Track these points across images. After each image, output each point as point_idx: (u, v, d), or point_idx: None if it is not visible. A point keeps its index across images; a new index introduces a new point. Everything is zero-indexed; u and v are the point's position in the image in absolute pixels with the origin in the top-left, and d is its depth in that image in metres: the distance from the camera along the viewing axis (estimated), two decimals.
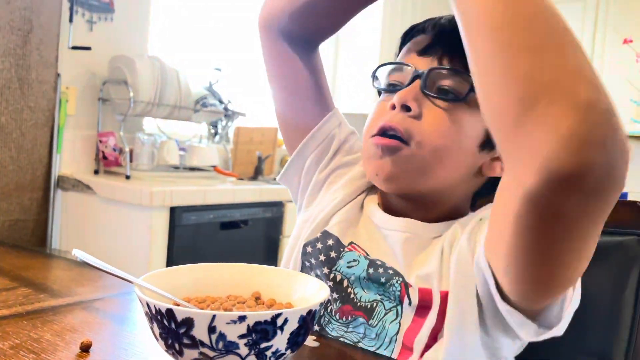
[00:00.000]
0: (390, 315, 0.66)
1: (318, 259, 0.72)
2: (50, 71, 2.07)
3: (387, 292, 0.67)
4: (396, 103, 0.66)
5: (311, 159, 0.81)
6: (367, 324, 0.67)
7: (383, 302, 0.67)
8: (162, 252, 1.94)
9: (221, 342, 0.45)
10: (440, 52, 0.67)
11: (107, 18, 2.27)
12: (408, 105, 0.65)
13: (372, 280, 0.67)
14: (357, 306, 0.68)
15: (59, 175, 2.15)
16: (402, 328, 0.65)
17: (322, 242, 0.73)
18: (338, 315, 0.69)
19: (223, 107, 2.57)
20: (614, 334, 0.74)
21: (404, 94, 0.65)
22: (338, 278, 0.70)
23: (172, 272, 0.58)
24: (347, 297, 0.69)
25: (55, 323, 0.61)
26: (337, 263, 0.71)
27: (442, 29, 0.68)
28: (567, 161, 0.39)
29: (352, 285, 0.69)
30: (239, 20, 3.03)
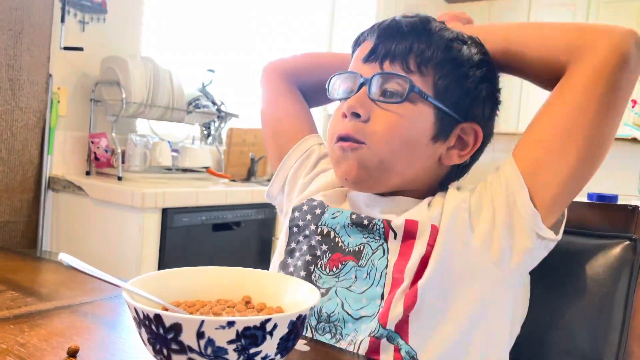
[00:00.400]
0: (377, 253, 0.71)
1: (305, 219, 0.78)
2: (41, 72, 2.06)
3: (371, 233, 0.72)
4: (346, 112, 0.72)
5: (295, 167, 0.89)
6: (357, 266, 0.72)
7: (369, 243, 0.72)
8: (154, 254, 1.93)
9: (210, 347, 0.44)
10: (380, 57, 0.73)
11: (99, 19, 2.26)
12: (357, 112, 0.71)
13: (355, 224, 0.73)
14: (345, 252, 0.73)
15: (50, 176, 2.13)
16: (390, 263, 0.70)
17: (308, 205, 0.80)
18: (328, 268, 0.74)
19: (216, 108, 2.56)
20: (604, 337, 0.74)
21: (352, 102, 0.72)
22: (325, 231, 0.76)
23: (161, 275, 0.57)
24: (336, 246, 0.74)
25: (43, 327, 0.60)
26: (322, 217, 0.77)
27: (381, 33, 0.74)
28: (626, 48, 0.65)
29: (338, 234, 0.75)
30: (232, 22, 3.03)
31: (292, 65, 0.96)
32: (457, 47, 0.72)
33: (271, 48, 3.26)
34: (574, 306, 0.77)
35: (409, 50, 0.72)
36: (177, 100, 2.33)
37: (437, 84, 0.72)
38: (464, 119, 0.73)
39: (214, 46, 2.93)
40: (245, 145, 2.82)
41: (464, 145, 0.75)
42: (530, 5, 4.16)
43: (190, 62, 2.78)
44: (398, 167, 0.72)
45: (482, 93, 0.74)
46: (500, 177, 0.71)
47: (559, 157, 0.68)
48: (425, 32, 0.72)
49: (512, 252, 0.68)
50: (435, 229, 0.69)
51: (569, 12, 3.97)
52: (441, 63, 0.72)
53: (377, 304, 0.68)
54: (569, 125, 0.67)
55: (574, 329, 0.76)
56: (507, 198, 0.69)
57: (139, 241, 1.89)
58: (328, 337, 0.69)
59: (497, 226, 0.69)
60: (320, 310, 0.70)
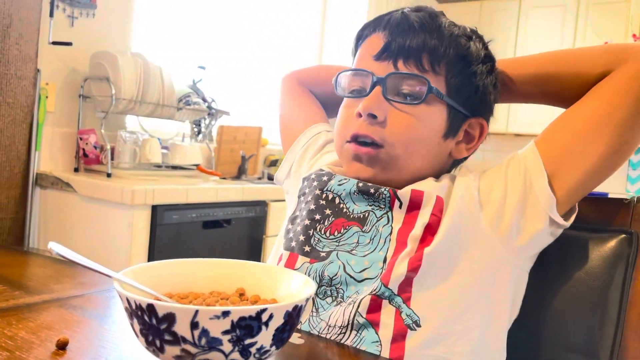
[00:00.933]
0: (382, 220, 0.72)
1: (312, 185, 0.79)
2: (29, 66, 2.03)
3: (377, 201, 0.73)
4: (362, 112, 0.72)
5: (303, 149, 0.91)
6: (360, 231, 0.72)
7: (374, 211, 0.72)
8: (143, 252, 1.91)
9: (204, 338, 0.43)
10: (394, 55, 0.73)
11: (88, 14, 2.23)
12: (373, 113, 0.72)
13: (361, 192, 0.73)
14: (350, 218, 0.74)
15: (38, 172, 2.10)
16: (394, 230, 0.70)
17: (316, 174, 0.80)
18: (329, 232, 0.74)
19: (207, 105, 2.55)
20: (599, 330, 0.74)
21: (368, 103, 0.72)
22: (330, 197, 0.76)
23: (153, 267, 0.56)
24: (340, 212, 0.74)
25: (31, 320, 0.59)
26: (328, 184, 0.77)
27: (393, 29, 0.73)
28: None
29: (343, 200, 0.75)
30: (224, 18, 3.01)
31: (306, 75, 1.00)
32: (466, 43, 0.74)
33: (263, 45, 3.25)
34: (569, 300, 0.77)
35: (422, 48, 0.72)
36: (168, 97, 2.31)
37: (449, 82, 0.73)
38: (472, 114, 0.76)
39: (205, 43, 2.91)
40: (236, 143, 2.81)
41: (471, 138, 0.78)
42: (521, 6, 4.18)
43: (181, 59, 2.76)
44: (412, 165, 0.74)
45: (488, 89, 0.76)
46: (520, 162, 0.73)
47: (586, 146, 0.70)
48: (435, 28, 0.73)
49: (521, 232, 0.70)
50: (440, 199, 0.70)
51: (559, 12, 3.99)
52: (453, 61, 0.73)
53: (379, 266, 0.68)
54: (603, 118, 0.70)
55: (570, 322, 0.76)
56: (525, 181, 0.71)
57: (128, 238, 1.87)
58: (329, 301, 0.69)
59: (508, 206, 0.70)
60: (322, 273, 0.70)
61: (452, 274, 0.67)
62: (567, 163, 0.70)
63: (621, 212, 0.77)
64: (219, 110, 2.64)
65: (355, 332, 0.65)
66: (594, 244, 0.77)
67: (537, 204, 0.70)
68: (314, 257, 0.72)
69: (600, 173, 0.71)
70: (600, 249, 0.76)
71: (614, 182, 3.90)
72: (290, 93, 0.99)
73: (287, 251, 0.75)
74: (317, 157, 0.89)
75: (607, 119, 0.69)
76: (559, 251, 0.78)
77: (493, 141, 4.19)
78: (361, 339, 0.65)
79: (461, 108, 0.74)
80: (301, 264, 0.72)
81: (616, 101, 0.69)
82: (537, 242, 0.72)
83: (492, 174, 0.74)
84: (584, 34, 3.87)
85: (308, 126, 0.93)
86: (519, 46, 4.15)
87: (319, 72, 1.00)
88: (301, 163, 0.90)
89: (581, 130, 0.71)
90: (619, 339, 0.73)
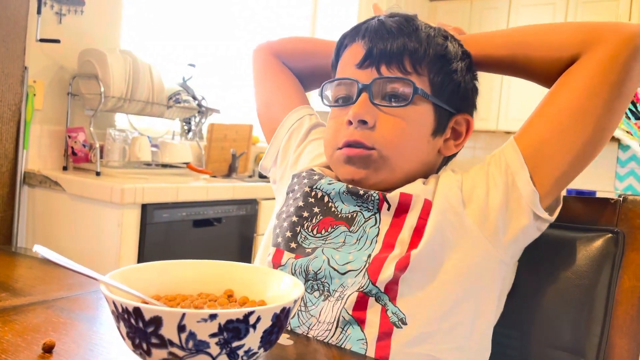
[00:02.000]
0: (370, 222, 0.72)
1: (302, 183, 0.79)
2: (17, 64, 2.01)
3: (365, 203, 0.73)
4: (352, 120, 0.73)
5: (286, 138, 0.90)
6: (347, 231, 0.73)
7: (362, 212, 0.73)
8: (133, 251, 1.90)
9: (191, 341, 0.43)
10: (376, 61, 0.74)
11: (77, 11, 2.21)
12: (363, 119, 0.72)
13: (351, 193, 0.74)
14: (337, 217, 0.74)
15: (26, 171, 2.08)
16: (381, 231, 0.71)
17: (307, 172, 0.81)
18: (316, 230, 0.74)
19: (197, 103, 2.53)
20: (586, 329, 0.75)
21: (357, 110, 0.73)
22: (319, 195, 0.76)
23: (141, 269, 0.56)
24: (329, 210, 0.75)
25: (17, 323, 0.58)
26: (318, 182, 0.77)
27: (371, 36, 0.75)
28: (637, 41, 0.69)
29: (332, 200, 0.75)
30: (214, 16, 3.00)
31: (281, 47, 0.96)
32: (443, 43, 0.75)
33: (253, 42, 3.24)
34: (556, 298, 0.78)
35: (402, 51, 0.73)
36: (157, 95, 2.29)
37: (432, 81, 0.75)
38: (457, 111, 0.77)
39: (195, 40, 2.90)
40: (226, 141, 2.80)
41: (458, 135, 0.79)
42: (511, 3, 4.20)
43: (171, 57, 2.74)
44: (403, 166, 0.74)
45: (469, 84, 0.78)
46: (500, 158, 0.74)
47: (565, 136, 0.70)
48: (413, 31, 0.74)
49: (507, 229, 0.71)
50: (428, 202, 0.71)
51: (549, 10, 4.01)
52: (433, 60, 0.74)
53: (363, 260, 0.69)
54: (581, 106, 0.70)
55: (557, 321, 0.77)
56: (506, 178, 0.71)
57: (117, 237, 1.86)
58: (317, 295, 0.69)
59: (492, 204, 0.71)
60: (307, 268, 0.71)
61: (439, 273, 0.68)
62: (548, 155, 0.71)
63: (608, 211, 0.78)
64: (209, 108, 2.63)
65: (340, 329, 0.65)
66: (581, 243, 0.77)
67: (521, 199, 0.70)
68: (299, 254, 0.73)
69: (581, 162, 0.72)
70: (587, 248, 0.77)
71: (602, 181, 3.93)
72: (266, 69, 0.95)
73: (273, 247, 0.75)
74: (303, 144, 0.89)
75: (583, 108, 0.70)
76: (546, 250, 0.78)
77: (483, 139, 4.21)
78: (347, 337, 0.65)
79: (446, 105, 0.76)
80: (286, 260, 0.73)
81: (592, 90, 0.69)
82: (523, 237, 0.72)
83: (474, 172, 0.75)
84: None
85: (288, 112, 0.91)
86: None
87: (296, 42, 0.98)
88: (287, 151, 0.90)
89: (559, 122, 0.71)
90: (605, 337, 0.73)
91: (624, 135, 2.31)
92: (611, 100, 0.69)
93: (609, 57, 0.69)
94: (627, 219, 0.76)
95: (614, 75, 0.69)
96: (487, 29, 3.77)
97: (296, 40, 0.99)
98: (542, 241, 0.74)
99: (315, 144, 0.88)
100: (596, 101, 0.69)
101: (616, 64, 0.68)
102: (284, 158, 0.90)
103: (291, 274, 0.71)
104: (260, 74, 0.97)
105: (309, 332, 0.67)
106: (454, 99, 0.76)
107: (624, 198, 0.77)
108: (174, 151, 2.45)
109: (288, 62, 0.95)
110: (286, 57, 0.95)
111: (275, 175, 0.92)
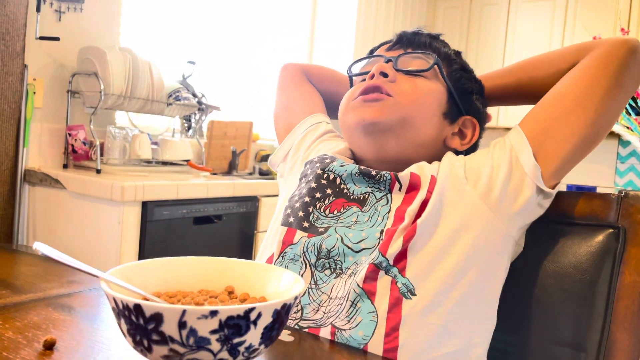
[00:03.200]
0: (381, 201, 0.74)
1: (314, 167, 0.81)
2: (16, 62, 2.01)
3: (377, 184, 0.75)
4: (374, 72, 0.78)
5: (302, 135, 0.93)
6: (360, 211, 0.74)
7: (374, 192, 0.75)
8: (133, 248, 1.90)
9: (192, 337, 0.43)
10: (405, 46, 0.84)
11: (76, 8, 2.21)
12: (385, 72, 0.78)
13: (363, 174, 0.76)
14: (350, 198, 0.76)
15: (26, 169, 2.08)
16: (392, 208, 0.73)
17: (319, 157, 0.84)
18: (328, 211, 0.76)
19: (197, 100, 2.53)
20: (587, 324, 0.75)
21: (380, 66, 0.79)
22: (331, 177, 0.78)
23: (141, 266, 0.56)
24: (341, 192, 0.77)
25: (18, 320, 0.58)
26: (330, 165, 0.79)
27: (404, 35, 0.85)
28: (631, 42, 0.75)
29: (344, 181, 0.77)
30: (213, 12, 2.99)
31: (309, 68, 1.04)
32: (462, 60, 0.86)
33: (253, 39, 3.24)
34: (557, 294, 0.78)
35: (429, 45, 0.84)
36: (157, 92, 2.29)
37: (450, 73, 0.83)
38: (466, 111, 0.82)
39: (195, 38, 2.89)
40: (226, 138, 2.80)
41: (464, 136, 0.84)
42: (510, 0, 4.19)
43: (171, 54, 2.74)
44: (414, 127, 0.78)
45: (479, 100, 0.85)
46: (505, 141, 0.77)
47: (569, 117, 0.74)
48: (440, 41, 0.86)
49: (512, 202, 0.73)
50: (433, 178, 0.74)
51: (549, 7, 4.00)
52: (453, 62, 0.84)
53: (376, 237, 0.70)
54: (582, 92, 0.74)
55: (558, 316, 0.77)
56: (510, 156, 0.74)
57: (118, 235, 1.86)
58: (328, 273, 0.70)
59: (496, 179, 0.73)
60: (320, 246, 0.71)
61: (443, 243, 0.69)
62: (551, 136, 0.74)
63: (609, 206, 0.78)
64: (209, 106, 2.63)
65: (350, 302, 0.66)
66: (582, 238, 0.77)
67: (524, 175, 0.73)
68: (312, 232, 0.74)
69: (584, 145, 0.74)
70: (588, 243, 0.77)
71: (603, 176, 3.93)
72: (293, 80, 1.01)
73: (284, 226, 0.76)
74: (315, 144, 0.91)
75: (586, 93, 0.73)
76: (546, 246, 0.78)
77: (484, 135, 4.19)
78: (357, 310, 0.65)
79: (458, 99, 0.81)
80: (299, 238, 0.73)
81: (592, 79, 0.74)
82: (526, 211, 0.74)
83: (478, 155, 0.78)
84: (573, 29, 3.89)
85: (308, 115, 0.95)
86: (509, 41, 4.16)
87: (324, 69, 1.05)
88: (299, 148, 0.92)
89: (562, 105, 0.75)
90: (606, 333, 0.73)
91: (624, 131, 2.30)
92: (610, 88, 0.73)
93: (607, 53, 0.74)
94: (628, 214, 0.76)
95: (612, 67, 0.73)
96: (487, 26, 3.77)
97: (326, 68, 1.06)
98: (543, 236, 0.74)
99: (328, 143, 0.90)
100: (596, 88, 0.73)
101: (614, 58, 0.74)
102: (295, 153, 0.92)
103: (302, 252, 0.72)
104: (285, 84, 1.02)
105: (319, 309, 0.67)
106: (466, 99, 0.83)
107: (625, 193, 0.77)
108: (174, 148, 2.45)
109: (313, 81, 1.02)
110: (312, 76, 1.02)
111: (283, 169, 0.94)
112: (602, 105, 0.73)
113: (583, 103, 0.73)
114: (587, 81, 0.74)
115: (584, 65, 0.76)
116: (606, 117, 0.74)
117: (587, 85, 0.74)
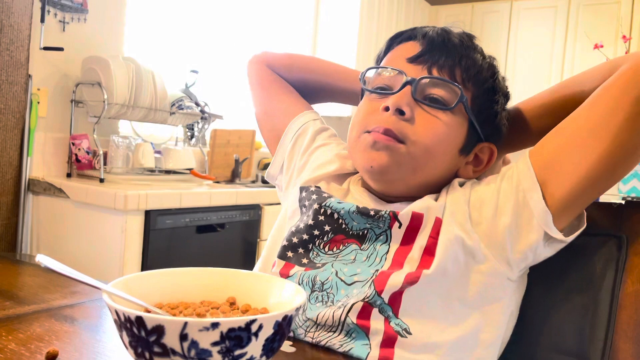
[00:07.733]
0: (381, 238, 0.72)
1: (310, 199, 0.78)
2: (20, 72, 2.02)
3: (376, 222, 0.72)
4: (391, 106, 0.71)
5: (291, 145, 0.89)
6: (359, 249, 0.72)
7: (373, 229, 0.72)
8: (137, 257, 1.91)
9: (193, 350, 0.43)
10: (429, 62, 0.74)
11: (80, 19, 2.23)
12: (402, 109, 0.71)
13: (361, 213, 0.73)
14: (349, 234, 0.74)
15: (30, 178, 2.09)
16: (391, 249, 0.71)
17: (315, 189, 0.80)
18: (328, 247, 0.74)
19: (199, 109, 2.54)
20: (590, 333, 0.74)
21: (397, 99, 0.71)
22: (329, 212, 0.75)
23: (143, 277, 0.56)
24: (339, 227, 0.74)
25: (21, 332, 0.59)
26: (327, 200, 0.76)
27: (432, 40, 0.75)
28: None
29: (342, 217, 0.74)
30: (216, 21, 3.01)
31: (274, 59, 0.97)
32: (494, 73, 0.77)
33: (255, 47, 3.25)
34: (560, 303, 0.77)
35: (457, 63, 0.74)
36: (160, 101, 2.30)
37: (474, 101, 0.75)
38: (485, 138, 0.77)
39: (198, 47, 2.91)
40: (229, 147, 2.80)
41: (479, 162, 0.79)
42: (512, 7, 4.20)
43: (174, 63, 2.75)
44: (427, 170, 0.73)
45: (502, 121, 0.78)
46: (512, 173, 0.72)
47: (579, 150, 0.67)
48: (472, 49, 0.76)
49: (515, 247, 0.69)
50: (438, 220, 0.70)
51: (551, 14, 4.01)
52: (481, 83, 0.75)
53: (371, 272, 0.68)
54: (597, 122, 0.67)
55: (561, 326, 0.76)
56: (517, 195, 0.70)
57: (121, 244, 1.86)
58: (319, 306, 0.69)
59: (501, 224, 0.69)
60: (314, 278, 0.71)
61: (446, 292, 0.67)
62: (559, 168, 0.68)
63: (611, 215, 0.77)
64: (212, 114, 2.64)
65: (345, 332, 0.65)
66: (585, 247, 0.77)
67: (532, 219, 0.68)
68: (310, 267, 0.73)
69: (596, 180, 0.67)
70: (591, 252, 0.77)
71: None
72: (260, 81, 0.96)
73: (281, 260, 0.75)
74: (309, 151, 0.88)
75: (601, 124, 0.66)
76: None
77: None
78: (351, 339, 0.65)
79: (479, 128, 0.75)
80: (295, 271, 0.73)
81: (613, 104, 0.66)
82: (532, 256, 0.70)
83: (484, 187, 0.73)
84: (574, 35, 3.89)
85: (291, 118, 0.91)
86: (511, 47, 4.17)
87: (290, 57, 0.97)
88: (292, 158, 0.90)
89: (574, 135, 0.68)
90: (609, 342, 0.73)
91: None
92: (632, 116, 0.65)
93: (632, 72, 0.66)
94: (631, 223, 0.76)
95: (632, 94, 0.65)
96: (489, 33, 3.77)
97: (297, 56, 0.99)
98: None
99: (321, 151, 0.87)
100: (613, 119, 0.66)
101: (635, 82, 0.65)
102: (290, 165, 0.90)
103: (298, 284, 0.71)
104: (255, 85, 0.97)
105: (306, 335, 0.67)
106: (487, 126, 0.76)
107: (627, 202, 0.77)
108: (177, 157, 2.46)
109: (280, 73, 0.96)
110: (278, 69, 0.96)
111: (281, 182, 0.92)
112: (620, 137, 0.65)
113: (597, 133, 0.66)
114: (606, 110, 0.67)
115: (604, 87, 0.68)
116: (625, 149, 0.66)
117: (606, 114, 0.66)
